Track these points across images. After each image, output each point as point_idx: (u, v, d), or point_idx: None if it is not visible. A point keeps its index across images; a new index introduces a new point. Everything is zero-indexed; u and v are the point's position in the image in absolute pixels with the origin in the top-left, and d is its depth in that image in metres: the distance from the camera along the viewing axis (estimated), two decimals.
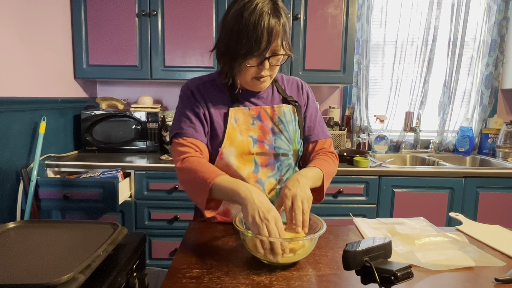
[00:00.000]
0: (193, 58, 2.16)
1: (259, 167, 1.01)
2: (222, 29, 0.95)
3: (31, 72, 1.80)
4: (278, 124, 1.04)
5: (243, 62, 0.92)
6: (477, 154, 2.53)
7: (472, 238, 1.00)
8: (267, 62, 0.93)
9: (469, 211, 2.01)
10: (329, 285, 0.73)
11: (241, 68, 0.95)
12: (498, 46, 2.46)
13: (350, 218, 1.16)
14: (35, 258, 0.79)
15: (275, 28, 0.88)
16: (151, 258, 2.00)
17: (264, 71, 0.94)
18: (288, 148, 1.05)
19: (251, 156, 1.01)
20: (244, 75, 0.96)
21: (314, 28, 2.15)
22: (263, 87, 1.01)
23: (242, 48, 0.89)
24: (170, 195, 1.92)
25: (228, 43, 0.92)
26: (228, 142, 0.99)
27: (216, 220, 1.06)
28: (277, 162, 1.03)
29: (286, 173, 1.05)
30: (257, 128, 1.03)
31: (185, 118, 1.00)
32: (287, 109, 1.06)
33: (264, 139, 1.02)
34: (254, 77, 0.96)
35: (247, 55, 0.90)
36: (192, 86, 1.03)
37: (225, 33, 0.93)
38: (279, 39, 0.90)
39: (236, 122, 1.01)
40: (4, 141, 1.60)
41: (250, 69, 0.94)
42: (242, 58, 0.91)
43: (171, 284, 0.72)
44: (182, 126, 1.00)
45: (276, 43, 0.90)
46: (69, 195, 1.71)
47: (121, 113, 2.18)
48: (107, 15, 2.11)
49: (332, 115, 2.50)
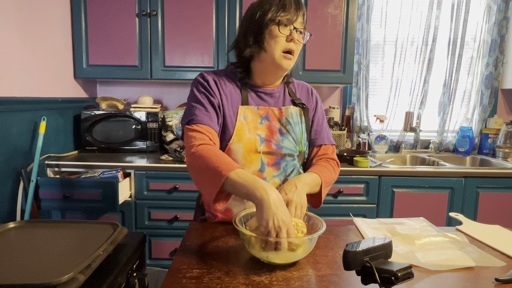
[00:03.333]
0: (193, 58, 2.16)
1: (265, 166, 1.01)
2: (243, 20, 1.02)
3: (31, 72, 1.80)
4: (285, 125, 1.05)
5: (274, 27, 0.95)
6: (477, 154, 2.53)
7: (472, 238, 1.00)
8: (295, 33, 0.97)
9: (469, 211, 2.01)
10: (329, 285, 0.73)
11: (270, 42, 0.96)
12: (498, 46, 2.46)
13: (350, 218, 1.16)
14: (35, 258, 0.79)
15: (299, 3, 0.97)
16: (151, 258, 2.00)
17: (292, 45, 0.97)
18: (295, 149, 1.05)
19: (257, 154, 1.01)
20: (273, 49, 0.97)
21: (314, 28, 2.15)
22: (288, 65, 1.00)
23: (271, 12, 0.95)
24: (170, 195, 1.92)
25: (255, 17, 0.97)
26: (236, 138, 0.99)
27: (217, 219, 1.06)
28: (283, 162, 1.03)
29: (291, 174, 1.06)
30: (265, 127, 1.03)
31: (201, 106, 0.99)
32: (295, 111, 1.07)
33: (272, 138, 1.03)
34: (282, 51, 0.98)
35: (277, 18, 0.95)
36: (209, 77, 1.03)
37: (250, 14, 0.99)
38: (302, 15, 0.98)
39: (245, 119, 1.01)
40: (4, 141, 1.60)
41: (279, 41, 0.96)
42: (272, 22, 0.95)
43: (171, 284, 0.72)
44: (197, 113, 0.97)
45: (301, 18, 0.97)
46: (69, 195, 1.71)
47: (121, 113, 2.18)
48: (107, 15, 2.11)
49: (332, 115, 2.50)
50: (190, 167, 0.92)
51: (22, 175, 1.67)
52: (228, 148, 0.99)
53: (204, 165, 0.87)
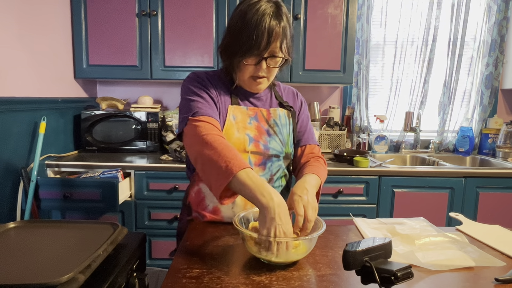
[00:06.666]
0: (193, 58, 2.16)
1: (252, 166, 1.02)
2: (228, 26, 1.00)
3: (31, 72, 1.80)
4: (273, 126, 1.07)
5: (241, 59, 0.94)
6: (477, 154, 2.53)
7: (472, 238, 1.00)
8: (264, 63, 0.95)
9: (469, 211, 2.01)
10: (329, 285, 0.73)
11: (240, 66, 0.97)
12: (498, 46, 2.46)
13: (350, 218, 1.16)
14: (35, 258, 0.79)
15: (275, 30, 0.91)
16: (151, 258, 2.00)
17: (261, 72, 0.96)
18: (281, 150, 1.07)
19: (246, 154, 1.01)
20: (242, 73, 0.98)
21: (314, 28, 2.15)
22: (259, 88, 1.03)
23: (242, 46, 0.92)
24: (170, 195, 1.92)
25: (230, 40, 0.96)
26: (225, 137, 0.99)
27: (205, 219, 1.06)
28: (269, 162, 1.05)
29: (276, 174, 1.07)
30: (254, 127, 1.04)
31: (201, 99, 0.97)
32: (283, 113, 1.09)
33: (260, 139, 1.04)
34: (251, 76, 0.98)
35: (246, 53, 0.93)
36: (201, 74, 1.04)
37: (229, 30, 0.98)
38: (278, 41, 0.93)
39: (234, 119, 1.02)
40: (4, 141, 1.60)
41: (248, 67, 0.96)
42: (241, 55, 0.94)
43: (171, 284, 0.72)
44: (199, 106, 0.95)
45: (275, 44, 0.93)
46: (69, 195, 1.71)
47: (121, 113, 2.18)
48: (107, 15, 2.11)
49: (332, 115, 2.50)
50: (199, 156, 0.87)
51: (22, 175, 1.67)
52: None
53: (215, 156, 0.84)
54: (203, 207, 1.06)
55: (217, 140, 0.88)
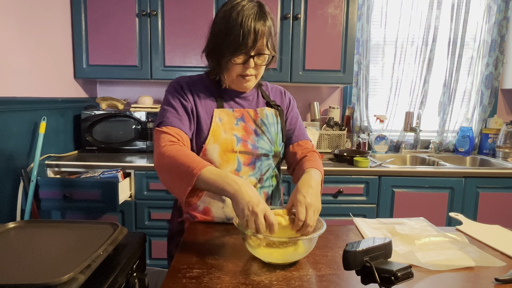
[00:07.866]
0: (193, 58, 2.16)
1: (241, 166, 1.03)
2: (212, 29, 1.02)
3: (31, 72, 1.80)
4: (260, 126, 1.07)
5: (229, 59, 0.96)
6: (477, 154, 2.53)
7: (472, 238, 1.00)
8: (252, 61, 0.97)
9: (469, 211, 2.01)
10: (329, 285, 0.73)
11: (228, 66, 0.98)
12: (498, 46, 2.46)
13: (350, 218, 1.16)
14: (35, 258, 0.79)
15: (260, 29, 0.93)
16: (151, 258, 2.00)
17: (249, 70, 0.98)
18: (270, 149, 1.08)
19: (234, 154, 1.02)
20: (230, 72, 1.00)
21: (314, 28, 2.15)
22: (247, 86, 1.04)
23: (230, 46, 0.94)
24: (170, 195, 1.92)
25: (217, 41, 0.98)
26: (212, 139, 1.01)
27: (196, 219, 1.06)
28: (258, 161, 1.06)
29: (266, 173, 1.08)
30: (241, 128, 1.05)
31: (172, 109, 1.01)
32: (270, 112, 1.10)
33: (248, 138, 1.05)
34: (239, 75, 1.00)
35: (234, 52, 0.94)
36: (182, 81, 1.06)
37: (214, 32, 1.00)
38: (264, 39, 0.95)
39: (220, 121, 1.03)
40: (4, 141, 1.60)
41: (236, 66, 0.98)
42: (229, 55, 0.95)
43: (171, 284, 0.72)
44: (168, 116, 0.99)
45: (261, 42, 0.95)
46: (69, 195, 1.71)
47: (121, 113, 2.18)
48: (107, 15, 2.11)
49: (332, 115, 2.50)
50: (159, 167, 0.92)
51: (22, 175, 1.67)
52: (204, 149, 1.01)
53: (174, 164, 0.88)
54: (193, 208, 1.06)
55: (173, 149, 0.90)
